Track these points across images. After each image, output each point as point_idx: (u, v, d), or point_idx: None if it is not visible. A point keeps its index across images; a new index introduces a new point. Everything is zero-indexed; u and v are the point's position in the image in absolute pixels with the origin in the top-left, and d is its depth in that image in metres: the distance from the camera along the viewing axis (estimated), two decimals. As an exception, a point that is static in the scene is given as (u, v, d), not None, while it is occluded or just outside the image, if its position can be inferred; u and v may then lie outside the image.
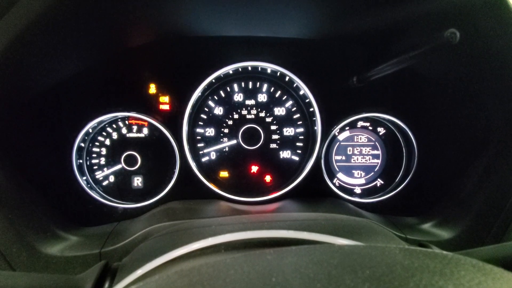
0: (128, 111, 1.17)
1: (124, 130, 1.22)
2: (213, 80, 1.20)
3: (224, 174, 1.28)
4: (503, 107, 0.88)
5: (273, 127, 1.27)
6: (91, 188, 1.18)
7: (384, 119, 1.28)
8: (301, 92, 1.23)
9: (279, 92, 1.26)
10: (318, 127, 1.22)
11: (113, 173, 1.23)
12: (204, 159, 1.27)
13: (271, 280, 0.30)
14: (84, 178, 1.18)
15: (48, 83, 0.96)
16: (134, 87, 1.18)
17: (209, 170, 1.27)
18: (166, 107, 1.20)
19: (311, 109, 1.23)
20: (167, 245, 0.57)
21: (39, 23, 0.71)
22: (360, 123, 1.31)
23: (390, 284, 0.28)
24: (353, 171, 1.33)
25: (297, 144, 1.28)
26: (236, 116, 1.25)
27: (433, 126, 1.18)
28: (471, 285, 0.28)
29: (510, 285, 0.29)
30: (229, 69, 1.19)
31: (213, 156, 1.27)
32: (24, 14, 0.68)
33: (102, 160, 1.22)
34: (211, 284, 0.31)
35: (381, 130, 1.31)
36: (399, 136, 1.30)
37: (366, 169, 1.33)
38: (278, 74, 1.23)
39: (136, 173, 1.23)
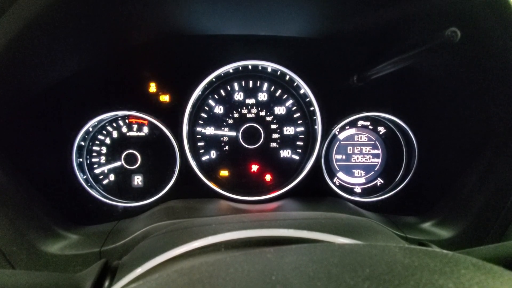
0: (128, 109, 1.17)
1: (124, 129, 1.22)
2: (214, 79, 1.20)
3: (224, 173, 1.28)
4: (503, 107, 0.88)
5: (273, 126, 1.27)
6: (91, 186, 1.18)
7: (384, 118, 1.28)
8: (302, 91, 1.23)
9: (279, 91, 1.26)
10: (319, 126, 1.22)
11: (113, 171, 1.23)
12: (204, 158, 1.27)
13: (271, 278, 0.30)
14: (84, 176, 1.18)
15: (48, 82, 0.96)
16: (134, 86, 1.18)
17: (209, 169, 1.27)
18: (166, 105, 1.19)
19: (312, 108, 1.22)
20: (167, 243, 0.57)
21: (39, 22, 0.71)
22: (360, 122, 1.31)
23: (390, 283, 0.28)
24: (353, 170, 1.33)
25: (297, 143, 1.28)
26: (236, 115, 1.25)
27: (433, 125, 1.18)
28: (471, 284, 0.28)
29: (510, 284, 0.29)
30: (229, 68, 1.18)
31: (213, 155, 1.27)
32: (24, 13, 0.68)
33: (102, 159, 1.22)
34: (211, 283, 0.31)
35: (382, 129, 1.31)
36: (399, 136, 1.30)
37: (366, 168, 1.33)
38: (279, 73, 1.23)
39: (136, 171, 1.23)
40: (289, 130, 1.27)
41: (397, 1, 0.85)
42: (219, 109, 1.25)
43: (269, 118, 1.26)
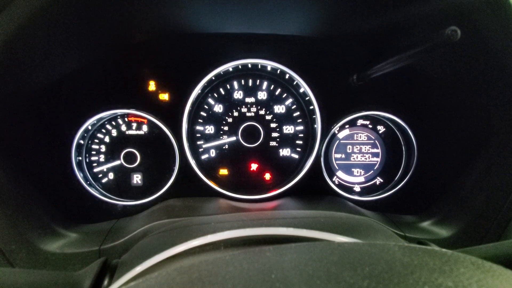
0: (128, 108, 1.17)
1: (123, 127, 1.22)
2: (213, 78, 1.19)
3: (223, 171, 1.28)
4: (503, 106, 0.88)
5: (273, 125, 1.26)
6: (90, 185, 1.18)
7: (384, 117, 1.28)
8: (301, 90, 1.23)
9: (279, 90, 1.26)
10: (318, 125, 1.22)
11: (112, 170, 1.23)
12: (203, 157, 1.27)
13: (271, 277, 0.30)
14: (83, 175, 1.18)
15: (47, 80, 0.96)
16: (134, 84, 1.18)
17: (209, 167, 1.27)
18: (166, 104, 1.19)
19: (311, 107, 1.22)
20: (166, 242, 0.57)
21: (38, 20, 0.71)
22: (360, 121, 1.31)
23: (389, 281, 0.28)
24: (353, 169, 1.33)
25: (297, 142, 1.28)
26: (236, 113, 1.25)
27: (433, 124, 1.18)
28: (470, 282, 0.28)
29: (510, 283, 0.29)
30: (229, 66, 1.18)
31: (212, 153, 1.27)
32: (23, 10, 0.68)
33: (102, 157, 1.22)
34: (210, 281, 0.31)
35: (381, 129, 1.31)
36: (398, 135, 1.30)
37: (366, 167, 1.33)
38: (278, 71, 1.22)
39: (135, 170, 1.23)
40: (288, 129, 1.27)
41: (398, 2, 0.85)
42: (218, 108, 1.25)
43: (268, 117, 1.26)
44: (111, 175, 1.23)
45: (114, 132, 1.22)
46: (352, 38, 1.16)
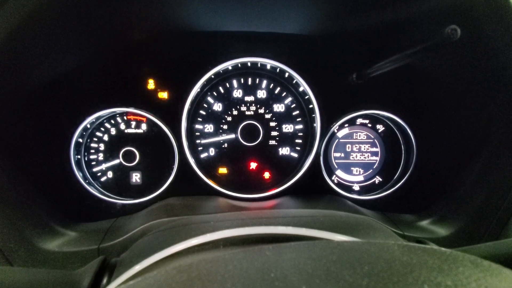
0: (127, 106, 1.17)
1: (122, 126, 1.22)
2: (212, 76, 1.19)
3: (223, 170, 1.28)
4: (503, 106, 0.88)
5: (272, 124, 1.26)
6: (89, 183, 1.18)
7: (383, 116, 1.28)
8: (301, 89, 1.23)
9: (278, 89, 1.26)
10: (317, 124, 1.22)
11: (111, 169, 1.22)
12: (203, 155, 1.27)
13: (270, 275, 0.30)
14: (82, 174, 1.17)
15: (46, 78, 0.96)
16: (133, 82, 1.17)
17: (208, 166, 1.27)
18: (165, 102, 1.19)
19: (311, 106, 1.22)
20: (165, 240, 0.57)
21: (36, 18, 0.71)
22: (359, 120, 1.31)
23: (388, 280, 0.28)
24: (352, 168, 1.33)
25: (296, 140, 1.28)
26: (235, 112, 1.25)
27: (432, 124, 1.18)
28: (469, 281, 0.28)
29: (509, 282, 0.29)
30: (228, 65, 1.18)
31: (212, 152, 1.27)
32: (21, 8, 0.67)
33: (100, 156, 1.22)
34: (209, 280, 0.31)
35: (380, 128, 1.31)
36: (398, 134, 1.30)
37: (365, 166, 1.33)
38: (278, 70, 1.22)
39: (134, 169, 1.23)
40: (288, 128, 1.27)
41: (398, 0, 0.84)
42: (218, 106, 1.25)
43: (268, 116, 1.26)
44: (110, 174, 1.23)
45: (113, 131, 1.21)
46: (351, 36, 1.16)
